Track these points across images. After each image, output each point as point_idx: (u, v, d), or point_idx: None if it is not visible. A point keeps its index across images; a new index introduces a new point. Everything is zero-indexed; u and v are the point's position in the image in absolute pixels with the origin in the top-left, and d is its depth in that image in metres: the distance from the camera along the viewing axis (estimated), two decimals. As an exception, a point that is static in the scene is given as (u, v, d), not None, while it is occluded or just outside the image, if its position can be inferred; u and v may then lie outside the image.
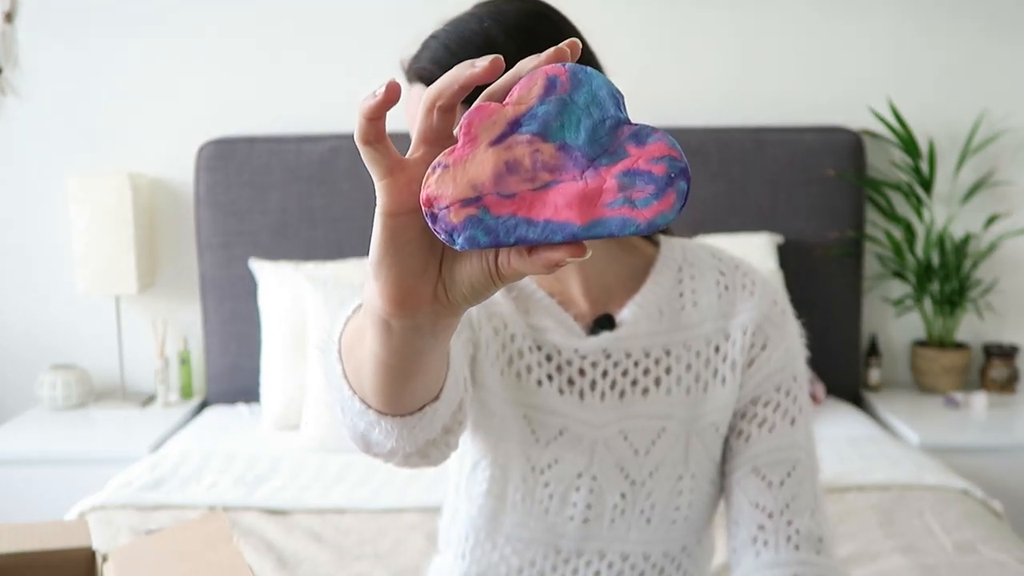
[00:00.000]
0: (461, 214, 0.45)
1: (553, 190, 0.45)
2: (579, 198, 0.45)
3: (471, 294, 0.50)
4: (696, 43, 2.53)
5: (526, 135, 0.45)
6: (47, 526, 0.86)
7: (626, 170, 0.45)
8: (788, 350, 1.01)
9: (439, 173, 0.46)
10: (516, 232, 0.45)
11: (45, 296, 2.66)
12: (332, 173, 2.50)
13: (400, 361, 0.57)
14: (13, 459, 2.21)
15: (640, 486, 0.98)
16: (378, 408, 0.65)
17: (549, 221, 0.45)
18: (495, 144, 0.45)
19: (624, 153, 0.45)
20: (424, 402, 0.66)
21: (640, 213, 0.45)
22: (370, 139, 0.47)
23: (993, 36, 2.59)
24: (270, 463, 2.06)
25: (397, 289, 0.50)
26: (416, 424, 0.67)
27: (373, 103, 0.45)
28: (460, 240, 0.45)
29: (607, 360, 0.97)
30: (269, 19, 2.58)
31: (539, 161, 0.45)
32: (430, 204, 0.46)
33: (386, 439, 0.68)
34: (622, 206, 0.45)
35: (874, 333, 2.67)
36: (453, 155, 0.46)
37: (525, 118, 0.45)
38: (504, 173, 0.45)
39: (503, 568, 1.01)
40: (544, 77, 0.45)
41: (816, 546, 0.96)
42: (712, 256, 1.02)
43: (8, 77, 2.58)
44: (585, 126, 0.45)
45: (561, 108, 0.45)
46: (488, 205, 0.45)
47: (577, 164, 0.45)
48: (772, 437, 0.99)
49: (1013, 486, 2.23)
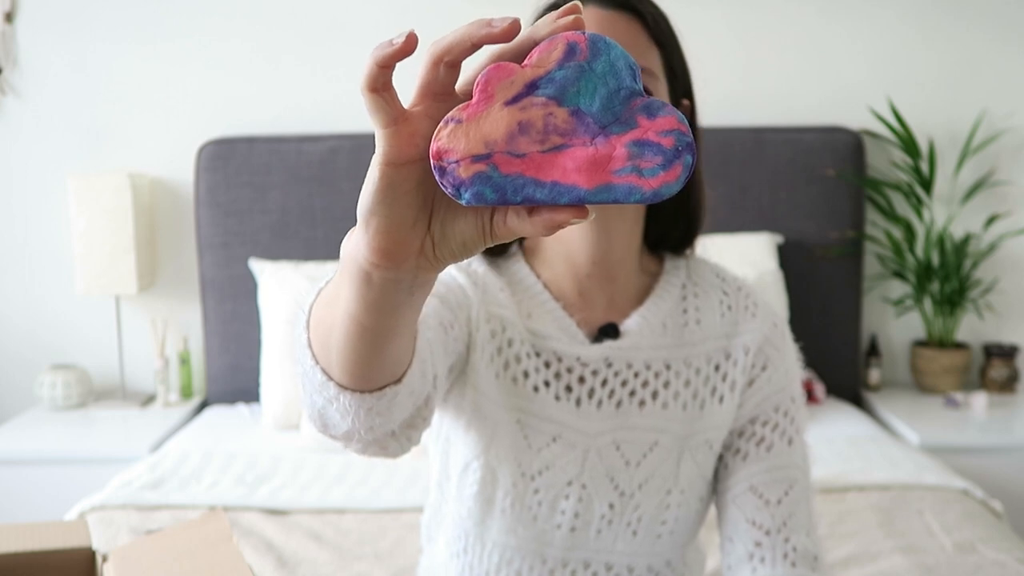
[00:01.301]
0: (471, 169, 0.46)
1: (563, 153, 0.46)
2: (588, 163, 0.46)
3: (460, 250, 0.50)
4: (696, 43, 2.53)
5: (542, 98, 0.46)
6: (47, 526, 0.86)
7: (636, 140, 0.46)
8: (787, 372, 1.02)
9: (451, 127, 0.46)
10: (523, 191, 0.46)
11: (45, 296, 2.66)
12: (332, 173, 2.50)
13: (373, 319, 0.56)
14: (13, 459, 2.21)
15: (629, 497, 0.98)
16: (340, 381, 0.63)
17: (557, 183, 0.46)
18: (510, 104, 0.46)
19: (635, 124, 0.46)
20: (386, 381, 0.65)
21: (646, 182, 0.46)
22: (377, 86, 0.46)
23: (993, 36, 2.59)
24: (270, 463, 2.06)
25: (386, 239, 0.50)
26: (374, 405, 0.65)
27: (389, 51, 0.45)
28: (467, 195, 0.46)
29: (608, 369, 0.97)
30: (269, 19, 2.58)
31: (552, 124, 0.46)
32: (440, 157, 0.46)
33: (343, 418, 0.66)
34: (630, 174, 0.46)
35: (874, 333, 2.67)
36: (467, 111, 0.46)
37: (543, 81, 0.46)
38: (516, 133, 0.46)
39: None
40: (565, 42, 0.46)
41: (812, 564, 0.96)
42: (716, 276, 1.04)
43: (8, 77, 2.58)
44: (600, 94, 0.46)
45: (579, 74, 0.46)
46: (498, 163, 0.46)
47: (589, 130, 0.46)
48: (770, 456, 0.99)
49: (1013, 486, 2.23)
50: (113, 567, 0.79)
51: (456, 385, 0.97)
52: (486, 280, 0.98)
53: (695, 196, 1.01)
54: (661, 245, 1.04)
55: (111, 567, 0.80)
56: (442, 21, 2.56)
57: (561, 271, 0.99)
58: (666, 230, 1.03)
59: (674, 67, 0.95)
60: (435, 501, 1.08)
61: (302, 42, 2.58)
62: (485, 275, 0.99)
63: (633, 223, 0.98)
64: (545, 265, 1.00)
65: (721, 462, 1.03)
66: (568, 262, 0.98)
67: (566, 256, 0.98)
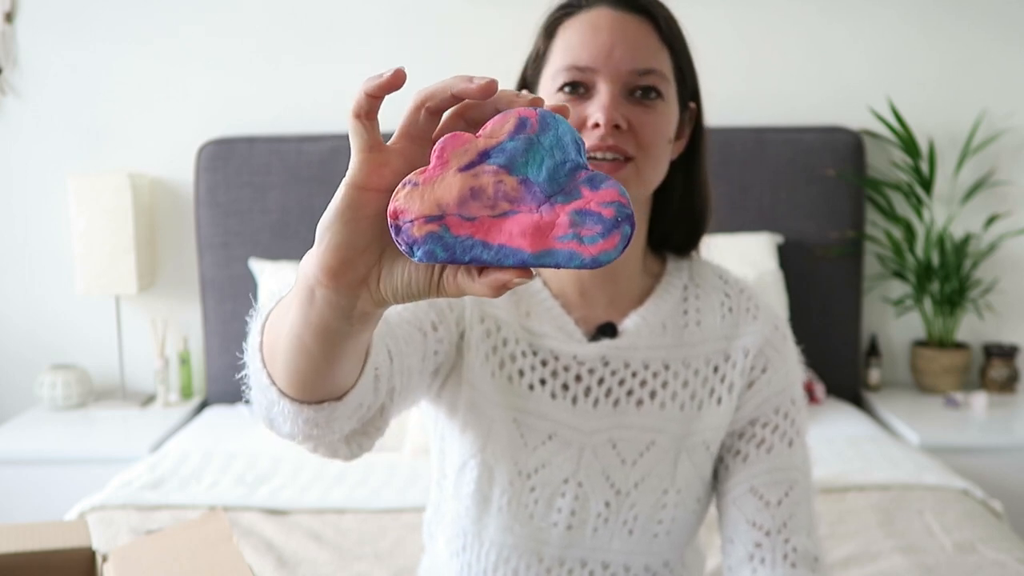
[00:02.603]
0: (424, 229, 0.49)
1: (510, 219, 0.49)
2: (533, 229, 0.49)
3: (403, 293, 0.53)
4: (696, 43, 2.53)
5: (493, 166, 0.49)
6: (47, 526, 0.86)
7: (578, 209, 0.49)
8: (788, 374, 1.02)
9: (408, 190, 0.49)
10: (472, 252, 0.49)
11: (45, 296, 2.66)
12: (332, 173, 2.50)
13: (313, 341, 0.58)
14: (13, 459, 2.21)
15: (625, 496, 0.98)
16: (282, 388, 0.65)
17: (503, 246, 0.49)
18: (464, 170, 0.49)
19: (578, 194, 0.49)
20: (326, 398, 0.66)
21: (586, 249, 0.49)
22: (362, 114, 0.50)
23: (993, 36, 2.59)
24: (270, 463, 2.06)
25: (334, 257, 0.52)
26: (312, 417, 0.67)
27: (378, 82, 0.49)
28: (419, 253, 0.49)
29: (605, 368, 0.97)
30: (269, 19, 2.58)
31: (501, 191, 0.49)
32: (396, 216, 0.49)
33: (283, 422, 0.68)
34: (571, 240, 0.49)
35: (874, 333, 2.67)
36: (424, 175, 0.50)
37: (494, 151, 0.49)
38: (468, 198, 0.49)
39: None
40: (517, 116, 0.49)
41: (812, 565, 0.96)
42: (718, 278, 1.04)
43: (8, 77, 2.58)
44: (547, 165, 0.49)
45: (528, 146, 0.49)
46: (449, 224, 0.49)
47: (535, 198, 0.49)
48: (770, 458, 1.00)
49: (1013, 486, 2.23)
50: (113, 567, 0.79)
51: (451, 383, 0.97)
52: None
53: (700, 197, 1.01)
54: (665, 246, 1.04)
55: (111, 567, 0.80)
56: (441, 22, 2.56)
57: (563, 270, 0.99)
58: (670, 231, 1.03)
59: (683, 69, 0.96)
60: (435, 500, 1.08)
61: (302, 42, 2.58)
62: None
63: (637, 224, 0.98)
64: None
65: (722, 464, 1.03)
66: None
67: None
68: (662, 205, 1.01)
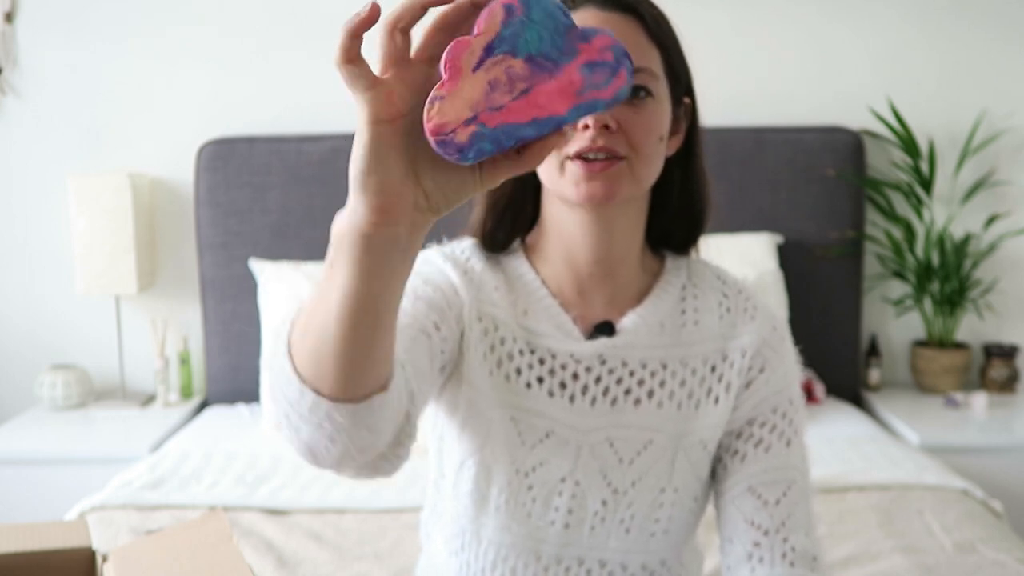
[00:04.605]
0: (465, 133, 0.53)
1: (532, 93, 0.54)
2: (557, 93, 0.54)
3: (455, 197, 0.57)
4: (696, 43, 2.53)
5: (499, 56, 0.54)
6: (47, 526, 0.86)
7: (584, 63, 0.55)
8: (785, 374, 1.02)
9: (438, 105, 0.53)
10: (515, 134, 0.54)
11: (45, 296, 2.66)
12: (332, 173, 2.50)
13: (371, 287, 0.59)
14: (13, 459, 2.21)
15: (622, 495, 0.98)
16: (332, 392, 0.63)
17: (536, 118, 0.54)
18: (477, 69, 0.54)
19: (577, 50, 0.55)
20: (375, 385, 0.65)
21: (604, 92, 0.55)
22: (352, 57, 0.53)
23: (993, 36, 2.59)
24: (270, 463, 2.06)
25: (384, 196, 0.56)
26: (364, 417, 0.65)
27: (358, 20, 0.52)
28: (471, 154, 0.54)
29: (602, 366, 0.97)
30: (269, 19, 2.58)
31: (514, 74, 0.54)
32: (437, 132, 0.53)
33: (333, 442, 0.66)
34: (590, 90, 0.55)
35: (874, 333, 2.67)
36: (444, 87, 0.53)
37: (495, 42, 0.54)
38: (489, 91, 0.54)
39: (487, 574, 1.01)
40: (501, 6, 0.54)
41: (811, 564, 0.97)
42: (716, 278, 1.04)
43: (8, 77, 2.58)
44: (544, 37, 0.54)
45: (522, 27, 0.54)
46: (484, 120, 0.54)
47: (544, 68, 0.54)
48: (768, 457, 1.00)
49: (1013, 486, 2.23)
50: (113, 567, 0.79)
51: (450, 383, 0.97)
52: (482, 278, 0.98)
53: (698, 193, 1.01)
54: (664, 244, 1.04)
55: (111, 567, 0.80)
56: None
57: (561, 268, 0.99)
58: (669, 228, 1.03)
59: (675, 67, 0.95)
60: (433, 499, 1.08)
61: (302, 42, 2.58)
62: (482, 273, 0.99)
63: (635, 221, 0.98)
64: (546, 262, 1.00)
65: (720, 463, 1.03)
66: (569, 259, 0.98)
67: (567, 253, 0.98)
68: (660, 202, 1.01)
